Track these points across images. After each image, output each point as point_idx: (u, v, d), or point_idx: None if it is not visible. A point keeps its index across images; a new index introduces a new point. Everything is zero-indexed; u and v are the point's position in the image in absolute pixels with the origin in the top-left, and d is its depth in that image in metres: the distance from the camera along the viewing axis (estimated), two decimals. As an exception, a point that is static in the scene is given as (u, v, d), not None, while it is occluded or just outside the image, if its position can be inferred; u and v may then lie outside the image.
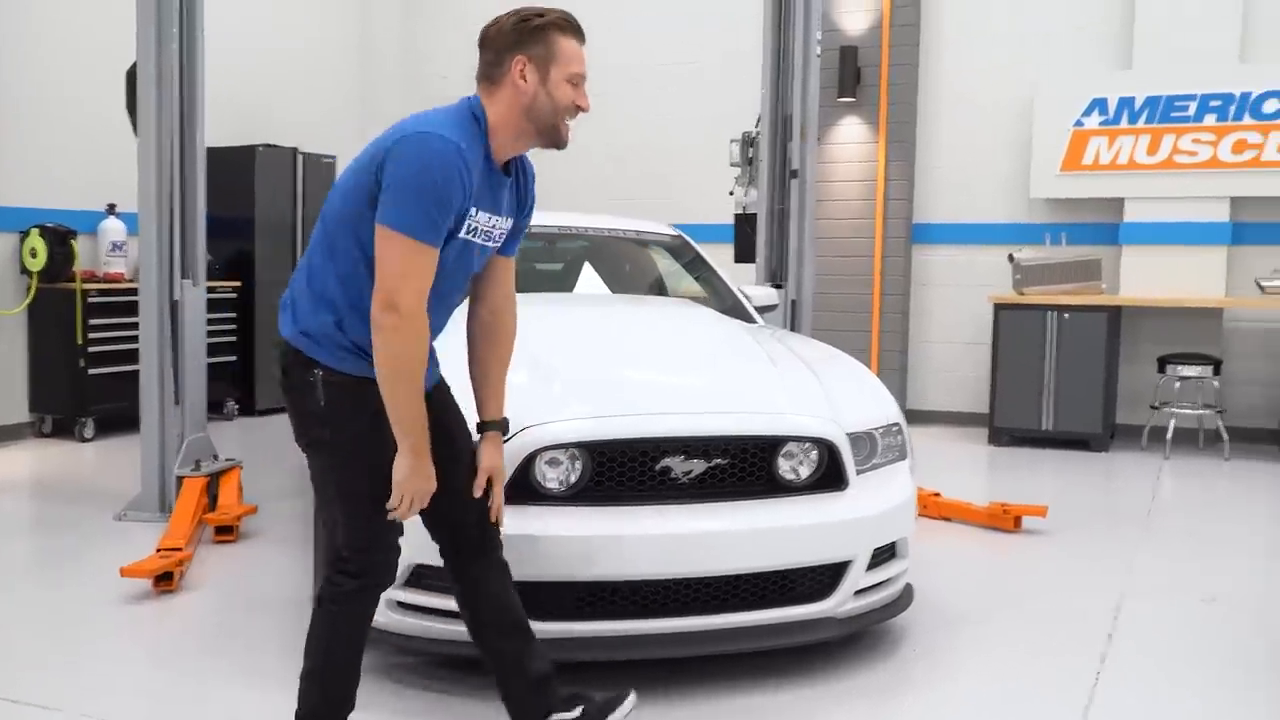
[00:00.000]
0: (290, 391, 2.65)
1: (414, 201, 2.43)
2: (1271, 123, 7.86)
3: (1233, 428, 7.98)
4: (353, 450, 2.59)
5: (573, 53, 2.63)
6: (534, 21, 2.60)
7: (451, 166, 2.45)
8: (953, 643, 3.88)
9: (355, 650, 2.70)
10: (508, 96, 2.60)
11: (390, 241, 2.43)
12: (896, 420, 3.79)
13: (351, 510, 2.61)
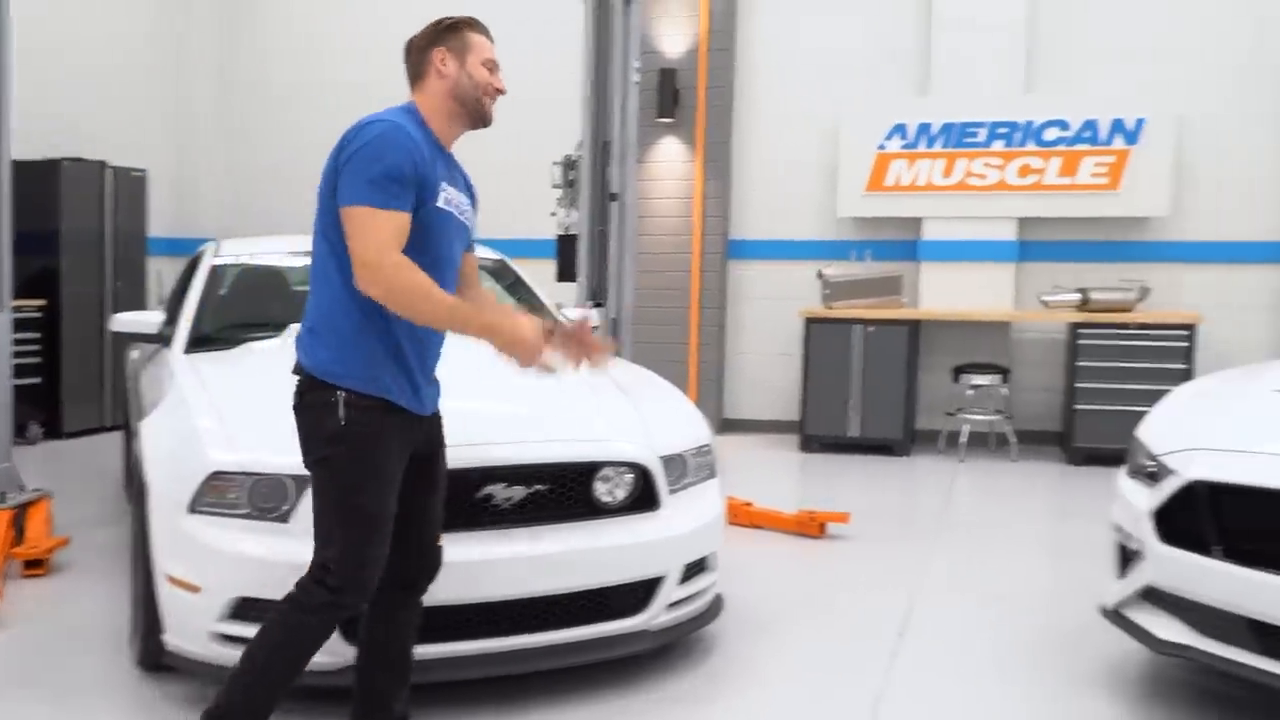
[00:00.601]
0: (307, 410, 2.78)
1: (362, 176, 2.65)
2: (1052, 149, 8.51)
3: (1020, 431, 8.59)
4: (362, 468, 2.73)
5: (483, 43, 2.93)
6: (446, 22, 2.94)
7: (392, 139, 2.68)
8: (759, 648, 4.14)
9: (295, 667, 2.77)
10: (433, 86, 2.89)
11: (351, 218, 2.65)
12: (706, 441, 4.03)
13: (351, 526, 2.72)
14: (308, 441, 2.80)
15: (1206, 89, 8.43)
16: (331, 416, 2.72)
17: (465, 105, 2.90)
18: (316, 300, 2.81)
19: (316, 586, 2.72)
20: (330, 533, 2.75)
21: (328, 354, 2.75)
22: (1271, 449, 3.32)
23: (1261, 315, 8.46)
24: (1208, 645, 3.38)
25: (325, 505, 2.78)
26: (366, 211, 2.63)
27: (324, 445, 2.75)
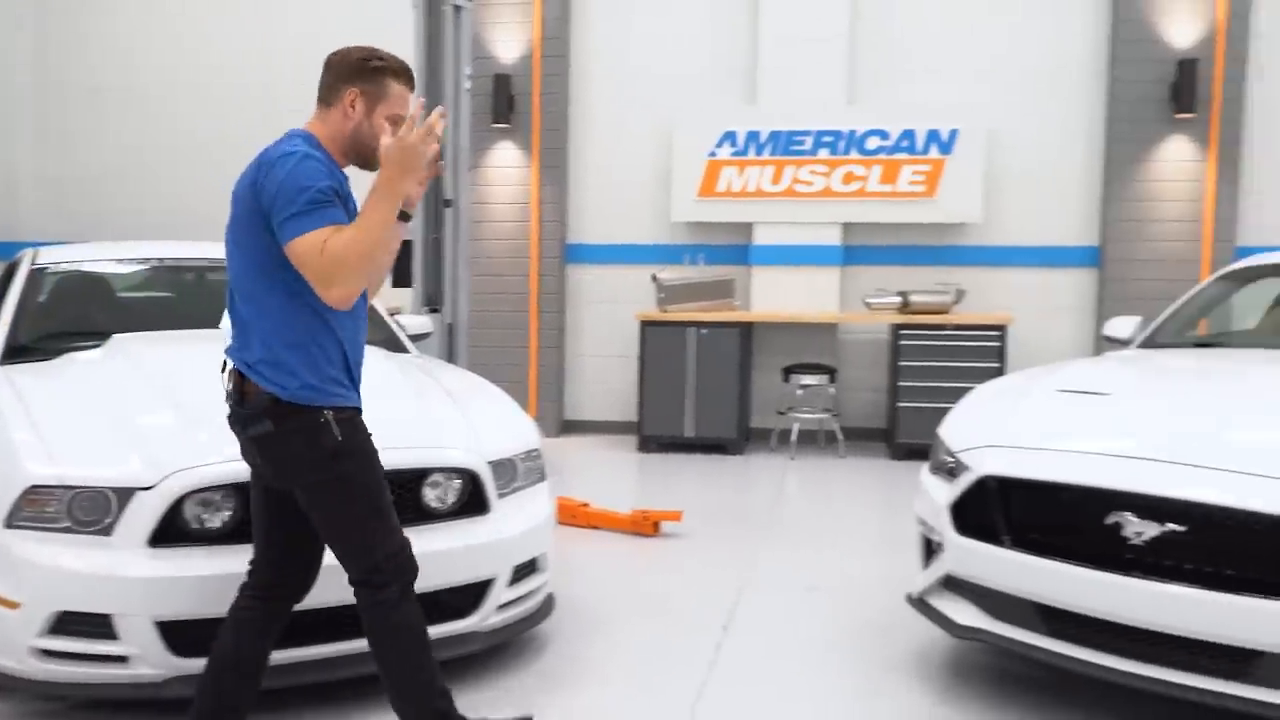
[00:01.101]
0: (293, 436, 2.85)
1: (290, 209, 2.73)
2: (873, 157, 8.90)
3: (847, 429, 8.97)
4: (371, 472, 2.93)
5: (399, 97, 2.97)
6: (374, 63, 2.97)
7: (306, 168, 2.77)
8: (591, 644, 4.27)
9: (426, 649, 3.00)
10: (335, 119, 2.96)
11: (296, 251, 2.73)
12: (535, 446, 4.14)
13: (379, 521, 2.94)
14: (303, 464, 2.87)
15: (1014, 102, 8.95)
16: (327, 435, 2.85)
17: (357, 150, 2.97)
18: (260, 331, 2.86)
19: (382, 591, 2.93)
20: (366, 541, 2.92)
21: (300, 379, 2.84)
22: (1052, 445, 3.62)
23: (1068, 315, 9.01)
24: (1001, 629, 3.65)
25: (353, 516, 2.92)
26: (306, 240, 2.72)
27: (330, 463, 2.86)
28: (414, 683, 2.99)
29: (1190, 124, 8.50)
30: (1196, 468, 3.25)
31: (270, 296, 2.84)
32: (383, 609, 2.94)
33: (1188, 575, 3.18)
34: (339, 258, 2.69)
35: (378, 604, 2.94)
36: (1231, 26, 8.43)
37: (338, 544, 2.96)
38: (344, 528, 2.93)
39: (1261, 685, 3.08)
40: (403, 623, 2.96)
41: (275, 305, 2.85)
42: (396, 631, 2.96)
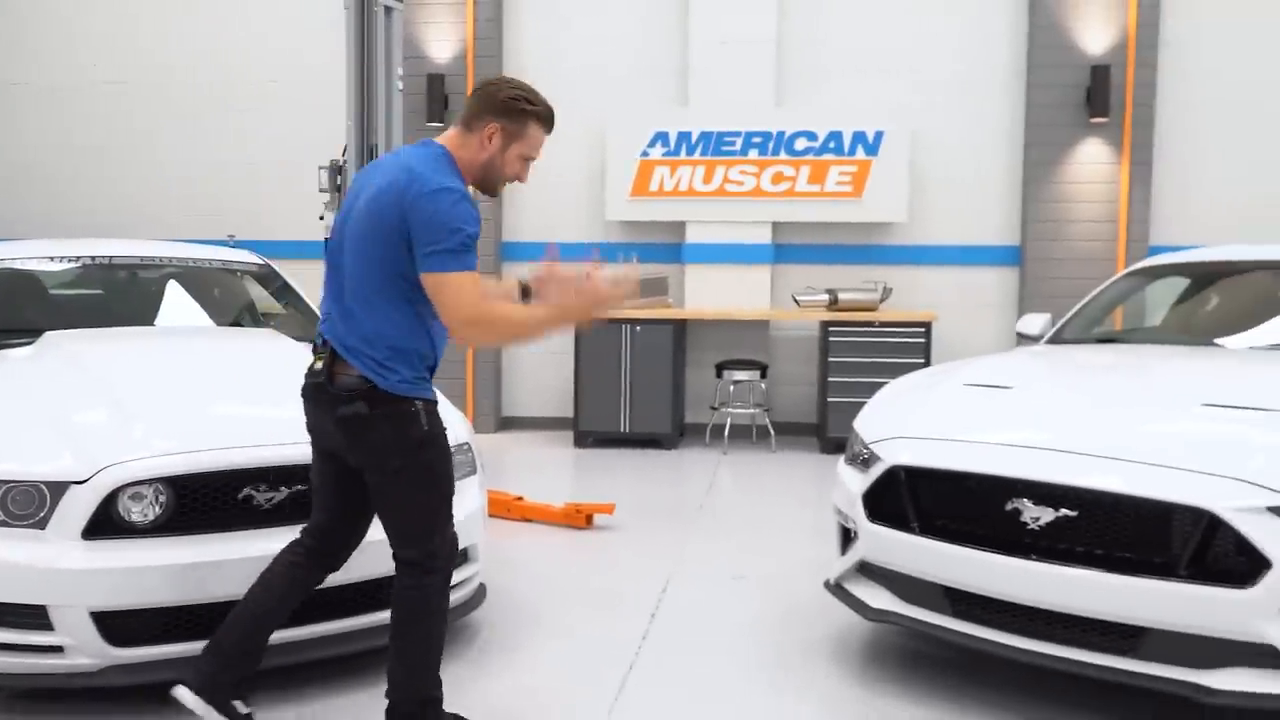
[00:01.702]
0: (380, 420, 3.06)
1: (444, 245, 2.95)
2: (802, 158, 9.10)
3: (778, 423, 9.17)
4: (446, 463, 3.18)
5: (537, 140, 3.20)
6: (522, 104, 3.16)
7: (465, 210, 2.99)
8: (521, 632, 4.40)
9: (442, 639, 3.22)
10: (473, 147, 3.15)
11: (443, 285, 2.96)
12: (466, 440, 4.25)
13: (443, 513, 3.18)
14: (390, 448, 3.08)
15: (938, 105, 9.20)
16: (415, 424, 3.08)
17: (486, 180, 3.20)
18: (368, 326, 3.07)
19: (433, 577, 3.14)
20: (431, 525, 3.15)
21: (399, 374, 3.07)
22: (957, 436, 3.81)
23: (991, 313, 9.29)
24: (911, 611, 3.84)
25: (425, 502, 3.14)
26: (454, 278, 2.95)
27: (415, 450, 3.09)
28: (425, 665, 3.19)
29: (1104, 128, 8.81)
30: (1089, 456, 3.45)
31: (386, 302, 3.06)
32: (425, 592, 3.14)
33: (1081, 557, 3.38)
34: (491, 322, 3.01)
35: (423, 586, 3.14)
36: (1141, 35, 8.75)
37: (404, 524, 3.15)
38: (414, 511, 3.14)
39: (1148, 660, 3.29)
40: (439, 609, 3.19)
41: (388, 310, 3.06)
42: (431, 615, 3.16)
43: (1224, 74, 8.92)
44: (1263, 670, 3.13)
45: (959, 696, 3.79)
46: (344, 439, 3.11)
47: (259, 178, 10.01)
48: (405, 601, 3.16)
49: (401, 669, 3.17)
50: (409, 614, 3.16)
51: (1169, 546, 3.26)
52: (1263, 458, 3.25)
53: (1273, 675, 3.12)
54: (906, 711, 3.68)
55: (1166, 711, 3.57)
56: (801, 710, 3.72)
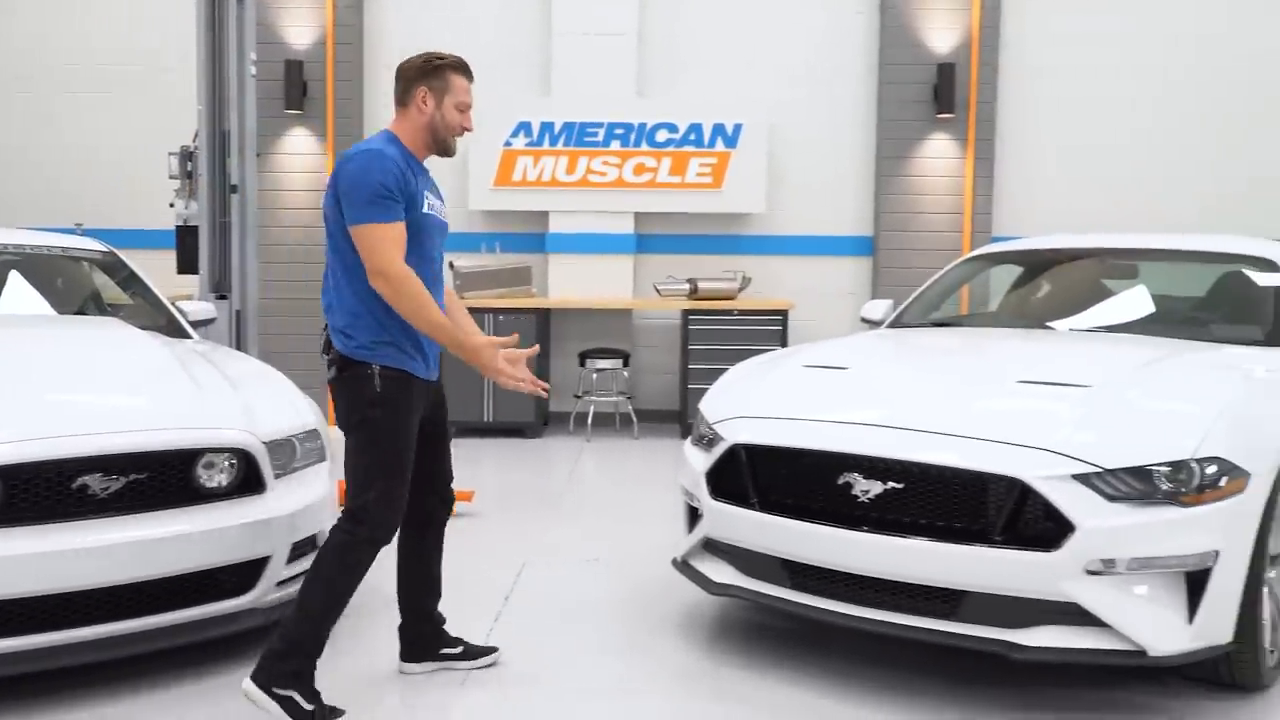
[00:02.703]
0: (346, 382, 3.41)
1: (359, 198, 3.27)
2: (663, 150, 9.25)
3: (641, 411, 9.31)
4: (393, 427, 3.38)
5: (462, 86, 3.54)
6: (435, 62, 3.52)
7: (374, 164, 3.30)
8: (374, 618, 4.40)
9: (346, 597, 3.39)
10: (413, 117, 3.49)
11: (360, 235, 3.28)
12: (315, 426, 4.25)
13: (384, 475, 3.37)
14: (348, 409, 3.42)
15: (796, 99, 9.45)
16: (368, 386, 3.35)
17: (435, 140, 3.51)
18: (336, 296, 3.42)
19: (358, 526, 3.35)
20: (368, 481, 3.36)
21: (355, 340, 3.37)
22: (794, 415, 3.96)
23: (845, 301, 9.57)
24: (752, 584, 3.98)
25: (366, 458, 3.38)
26: (369, 228, 3.27)
27: (365, 408, 3.36)
28: (313, 611, 3.33)
29: (950, 123, 9.17)
30: (914, 431, 3.64)
31: (344, 273, 3.39)
32: (346, 541, 3.36)
33: (907, 527, 3.56)
34: (398, 282, 3.26)
35: (348, 532, 3.37)
36: (984, 35, 9.15)
37: (350, 477, 3.41)
38: (357, 465, 3.40)
39: (966, 621, 3.48)
40: (351, 565, 3.38)
41: (345, 279, 3.39)
42: (340, 566, 3.36)
43: (1059, 73, 9.38)
44: (1068, 627, 3.36)
45: (800, 665, 3.95)
46: (335, 398, 3.49)
47: (108, 165, 9.71)
48: (328, 545, 3.39)
49: (299, 610, 3.33)
50: (326, 557, 3.38)
51: (986, 515, 3.46)
52: (1069, 429, 3.47)
53: (1077, 631, 3.35)
54: (750, 682, 3.83)
55: (985, 669, 3.79)
56: (649, 684, 3.83)
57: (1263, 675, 3.61)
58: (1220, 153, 9.41)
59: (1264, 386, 3.92)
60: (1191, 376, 3.99)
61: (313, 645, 3.34)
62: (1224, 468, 3.37)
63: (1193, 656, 3.35)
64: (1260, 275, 4.93)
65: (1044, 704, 3.61)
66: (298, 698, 3.27)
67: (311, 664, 3.34)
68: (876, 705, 3.62)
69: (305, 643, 3.31)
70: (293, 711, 3.25)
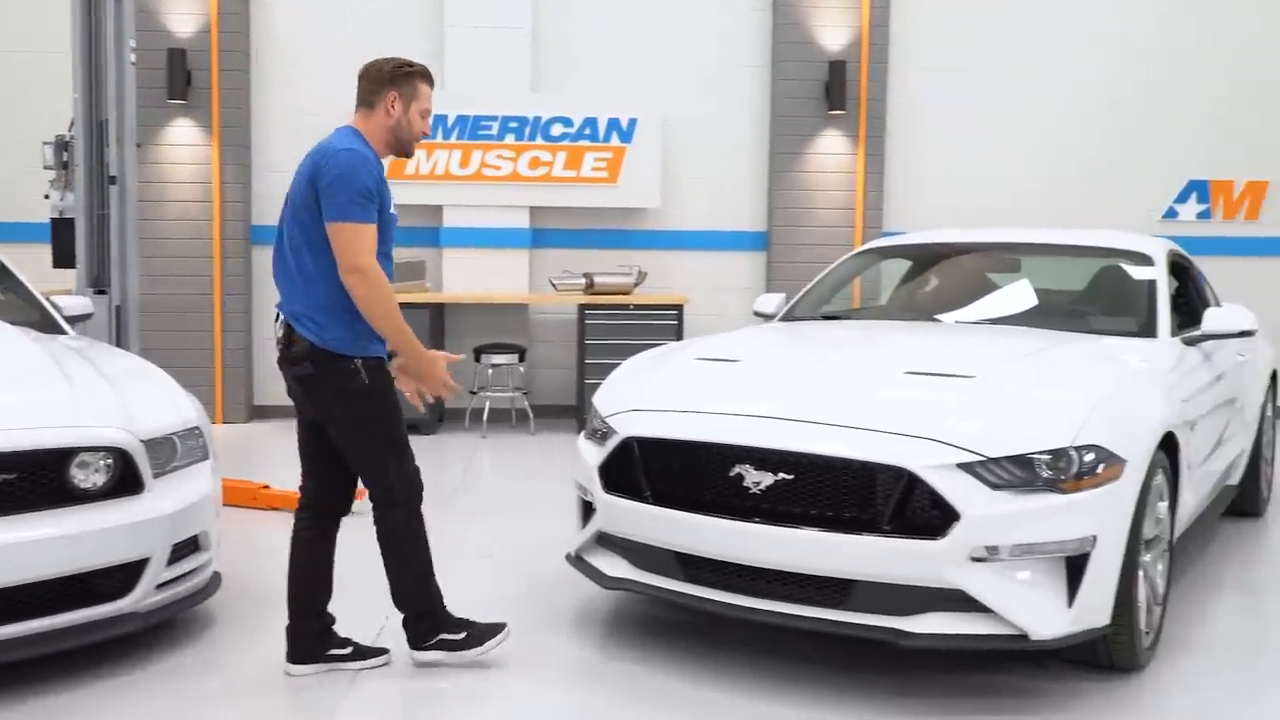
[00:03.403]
0: (326, 380, 3.54)
1: (343, 197, 3.42)
2: (558, 144, 9.20)
3: (538, 406, 9.26)
4: (386, 411, 3.59)
5: (427, 93, 3.71)
6: (405, 69, 3.68)
7: (361, 166, 3.48)
8: (262, 620, 4.30)
9: (427, 553, 3.74)
10: (379, 119, 3.65)
11: (340, 230, 3.42)
12: (196, 424, 4.13)
13: (397, 451, 3.63)
14: (335, 404, 3.56)
15: (690, 94, 9.48)
16: (356, 380, 3.52)
17: (399, 142, 3.69)
18: (305, 291, 3.51)
19: (395, 509, 3.65)
20: (384, 465, 3.62)
21: (332, 332, 3.50)
22: (684, 408, 3.97)
23: (740, 295, 9.62)
24: (646, 578, 3.99)
25: (373, 445, 3.61)
26: (350, 227, 3.42)
27: (357, 402, 3.55)
28: (412, 583, 3.71)
29: (842, 120, 9.30)
30: (803, 423, 3.68)
31: (315, 267, 3.49)
32: (393, 523, 3.65)
33: (799, 518, 3.59)
34: (371, 280, 3.42)
35: (390, 518, 3.65)
36: (873, 34, 9.29)
37: (362, 467, 3.64)
38: (366, 455, 3.62)
39: (856, 610, 3.53)
40: (411, 535, 3.68)
41: (317, 274, 3.48)
42: (404, 542, 3.66)
43: (946, 71, 9.58)
44: (954, 614, 3.43)
45: (693, 657, 3.96)
46: (302, 397, 3.63)
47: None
48: (381, 533, 3.68)
49: (396, 588, 3.73)
50: (384, 542, 3.69)
51: (874, 504, 3.51)
52: (953, 420, 3.54)
53: (962, 617, 3.42)
54: (644, 675, 3.82)
55: (873, 657, 3.85)
56: (544, 679, 3.81)
57: (1138, 656, 3.74)
58: (1102, 150, 9.70)
59: (1138, 377, 4.06)
60: (1070, 367, 4.11)
61: (431, 602, 3.76)
62: (1101, 455, 3.47)
63: (1072, 639, 3.44)
64: (1136, 269, 5.10)
65: (930, 690, 3.67)
66: (447, 635, 3.76)
67: (441, 611, 3.78)
68: (767, 695, 3.64)
69: (425, 605, 3.74)
70: (450, 647, 3.76)
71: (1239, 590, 5.00)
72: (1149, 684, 3.74)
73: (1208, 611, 4.56)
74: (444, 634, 3.79)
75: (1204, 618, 4.46)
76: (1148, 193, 9.76)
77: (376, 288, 3.44)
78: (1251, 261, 9.66)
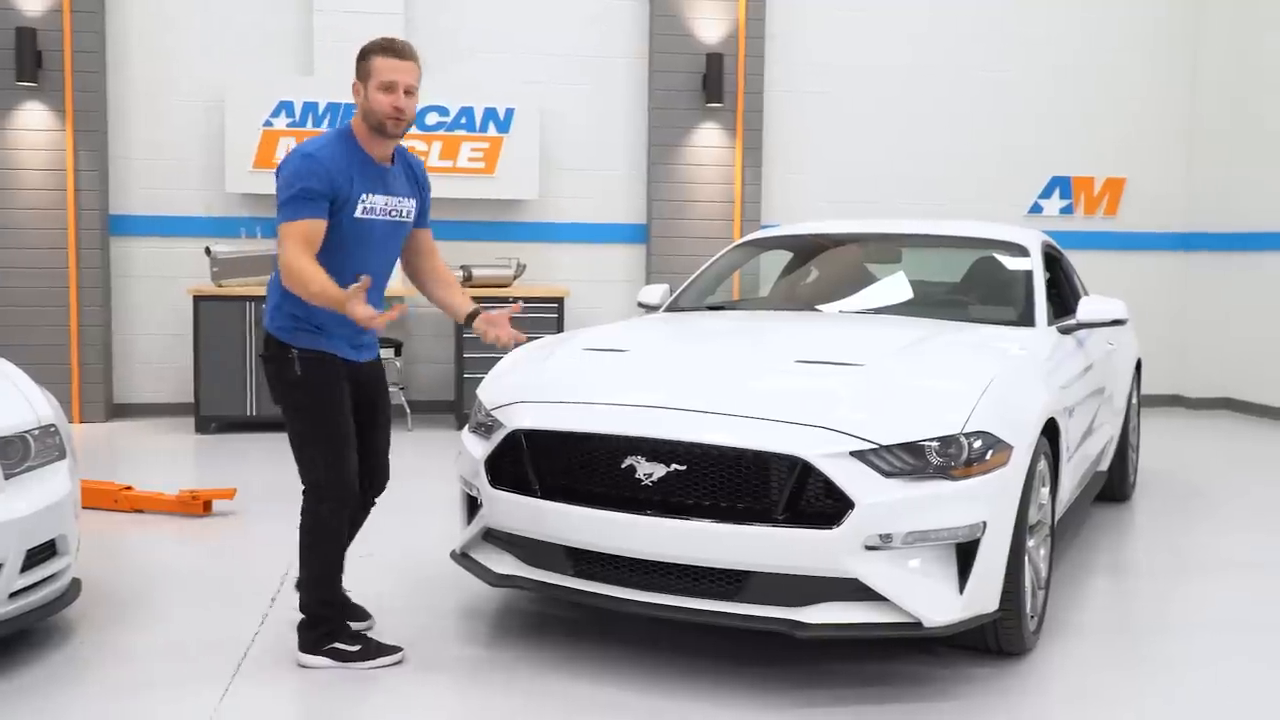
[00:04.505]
0: (270, 363, 3.65)
1: (280, 199, 3.48)
2: (434, 133, 9.00)
3: (415, 402, 9.06)
4: (318, 404, 3.60)
5: (383, 66, 3.54)
6: (362, 52, 3.61)
7: (301, 167, 3.45)
8: (128, 627, 4.08)
9: (338, 557, 3.73)
10: (358, 105, 3.61)
11: (279, 233, 3.48)
12: (52, 422, 3.88)
13: (326, 448, 3.60)
14: (274, 387, 3.69)
15: (568, 85, 9.39)
16: (289, 369, 3.59)
17: (373, 125, 3.56)
18: (272, 282, 3.66)
19: (320, 503, 3.63)
20: (311, 458, 3.63)
21: (276, 321, 3.62)
22: (575, 398, 3.88)
23: (620, 288, 9.60)
24: (535, 574, 3.88)
25: (300, 437, 3.65)
26: (282, 227, 3.46)
27: (288, 392, 3.63)
28: (319, 579, 3.67)
29: (720, 113, 9.32)
30: (695, 412, 3.61)
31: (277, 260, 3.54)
32: (316, 518, 3.63)
33: (692, 510, 3.53)
34: (294, 274, 3.41)
35: (314, 511, 3.64)
36: (750, 27, 9.34)
37: (295, 455, 3.69)
38: (298, 445, 3.68)
39: (750, 602, 3.49)
40: (329, 534, 3.66)
41: (277, 266, 3.54)
42: (322, 539, 3.64)
43: (821, 64, 9.69)
44: (848, 603, 3.41)
45: (584, 654, 3.88)
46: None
47: None
48: (303, 524, 3.67)
49: (305, 581, 3.69)
50: (305, 534, 3.66)
51: (768, 494, 3.47)
52: (846, 408, 3.53)
53: (856, 606, 3.41)
54: (536, 674, 3.72)
55: (767, 649, 3.82)
56: (430, 680, 3.68)
57: (1025, 640, 3.79)
58: (972, 145, 9.94)
59: (1021, 364, 4.12)
60: (955, 355, 4.15)
61: (330, 609, 3.69)
62: (989, 441, 3.50)
63: (964, 625, 3.46)
64: (1013, 260, 5.19)
65: (827, 680, 3.66)
66: (340, 645, 3.66)
67: (337, 620, 3.72)
68: (665, 691, 3.58)
69: (322, 608, 3.67)
70: (340, 657, 3.64)
71: (1111, 574, 5.14)
72: (1036, 667, 3.80)
73: (1083, 595, 4.67)
74: (338, 643, 3.70)
75: (1080, 602, 4.56)
76: (1014, 188, 10.04)
77: (291, 279, 3.43)
78: (1110, 255, 10.02)
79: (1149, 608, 4.70)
